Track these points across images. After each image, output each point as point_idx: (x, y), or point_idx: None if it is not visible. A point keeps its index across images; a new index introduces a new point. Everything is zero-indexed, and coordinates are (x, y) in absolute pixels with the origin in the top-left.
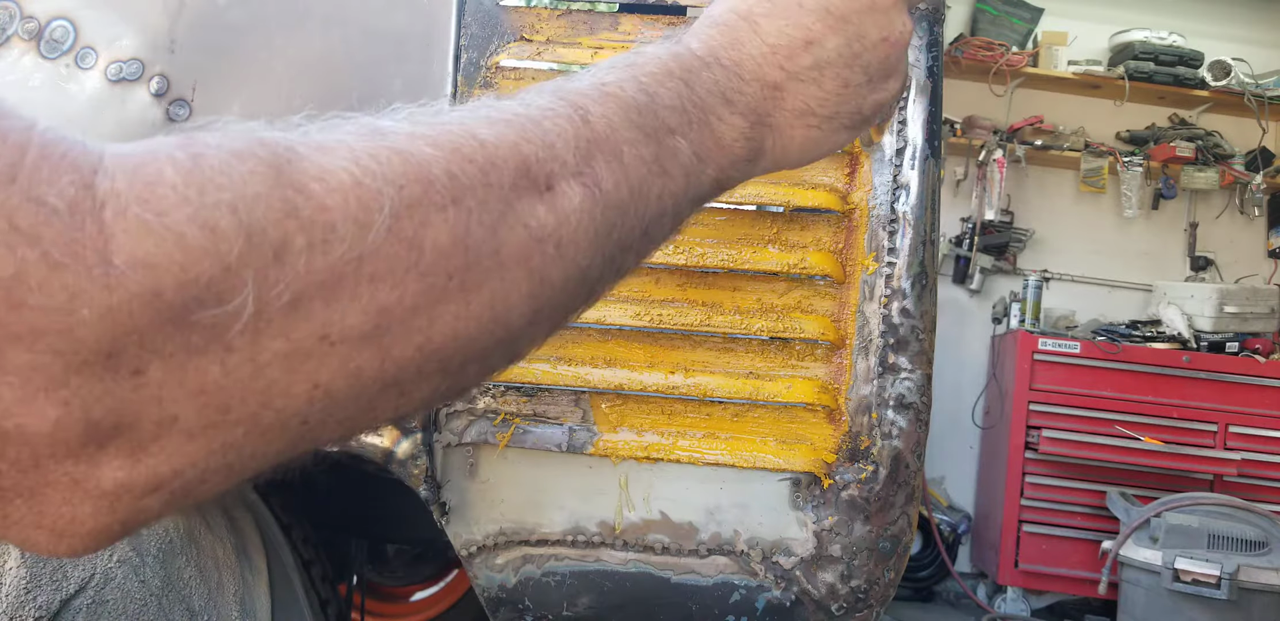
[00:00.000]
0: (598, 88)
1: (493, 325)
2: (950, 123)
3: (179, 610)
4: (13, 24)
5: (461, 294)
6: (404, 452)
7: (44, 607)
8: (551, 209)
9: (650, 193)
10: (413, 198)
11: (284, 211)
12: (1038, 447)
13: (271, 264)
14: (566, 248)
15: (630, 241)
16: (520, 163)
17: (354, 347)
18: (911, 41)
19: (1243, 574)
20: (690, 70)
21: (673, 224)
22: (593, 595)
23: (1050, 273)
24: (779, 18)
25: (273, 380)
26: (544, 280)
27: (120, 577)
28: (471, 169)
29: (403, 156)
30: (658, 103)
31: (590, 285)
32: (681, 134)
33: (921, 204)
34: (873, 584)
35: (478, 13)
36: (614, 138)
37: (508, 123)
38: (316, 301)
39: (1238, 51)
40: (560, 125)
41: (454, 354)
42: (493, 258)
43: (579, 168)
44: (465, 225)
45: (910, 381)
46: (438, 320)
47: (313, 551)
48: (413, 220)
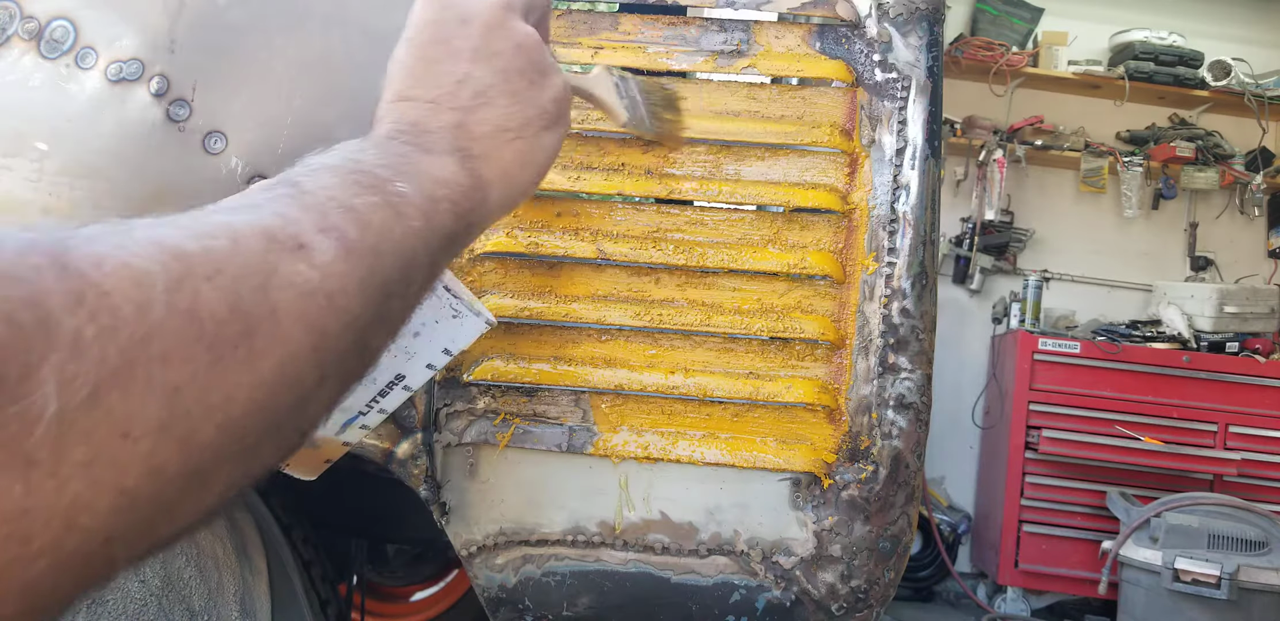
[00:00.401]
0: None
1: (285, 390)
2: (950, 123)
3: (179, 610)
4: (13, 24)
5: (250, 361)
6: (404, 453)
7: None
8: (311, 264)
9: (394, 233)
10: (179, 272)
11: (75, 300)
12: (1038, 447)
13: (69, 357)
14: (337, 297)
15: (391, 285)
16: (263, 231)
17: (156, 440)
18: (911, 41)
19: (1243, 574)
20: (379, 144)
21: (429, 266)
22: (593, 595)
23: (1050, 273)
24: (425, 81)
25: (77, 494)
26: (324, 334)
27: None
28: (221, 243)
29: (155, 241)
30: (364, 164)
31: (365, 337)
32: (400, 181)
33: (921, 204)
34: (873, 584)
35: None
36: (338, 195)
37: (233, 210)
38: (114, 392)
39: (1238, 51)
40: (283, 200)
41: (251, 428)
42: (270, 318)
43: (319, 224)
44: (235, 292)
45: (910, 381)
46: (233, 392)
47: (313, 551)
48: (185, 293)
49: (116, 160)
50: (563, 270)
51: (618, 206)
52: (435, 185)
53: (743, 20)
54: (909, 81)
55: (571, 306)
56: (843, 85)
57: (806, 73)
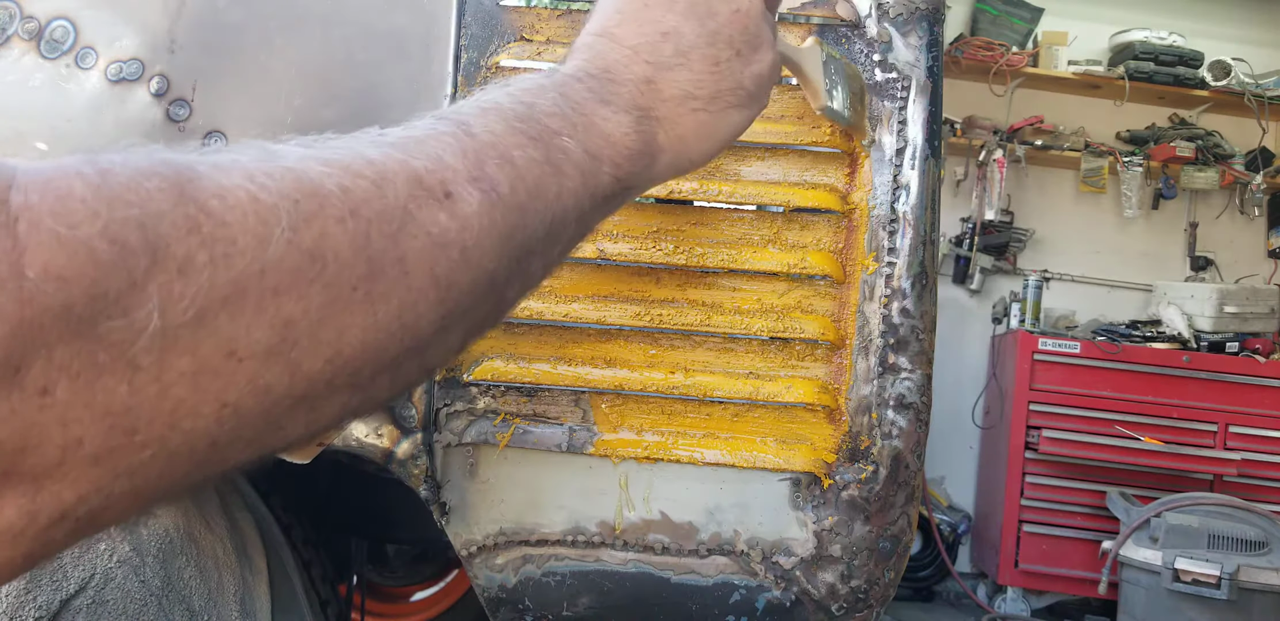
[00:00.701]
0: (474, 106)
1: (402, 334)
2: (950, 123)
3: (179, 610)
4: (13, 24)
5: (368, 304)
6: (404, 452)
7: (44, 607)
8: (452, 215)
9: (548, 192)
10: (309, 211)
11: (187, 228)
12: (1038, 447)
13: (176, 279)
14: (471, 252)
15: (534, 244)
16: (411, 175)
17: (262, 363)
18: (911, 41)
19: (1243, 574)
20: (562, 84)
21: (577, 225)
22: (593, 595)
23: (1050, 272)
24: (631, 23)
25: (180, 400)
26: (451, 286)
27: (120, 578)
28: (364, 183)
29: (295, 174)
30: (537, 110)
31: (499, 290)
32: (568, 134)
33: (922, 204)
34: (873, 584)
35: (478, 13)
36: (501, 143)
37: (392, 145)
38: (222, 316)
39: (1238, 51)
40: (444, 140)
41: (364, 365)
42: (397, 266)
43: (472, 173)
44: (365, 235)
45: (910, 381)
46: (345, 331)
47: (313, 551)
48: (311, 232)
49: None
50: (563, 270)
51: None
52: (603, 144)
53: None
54: (909, 81)
55: (571, 306)
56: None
57: None
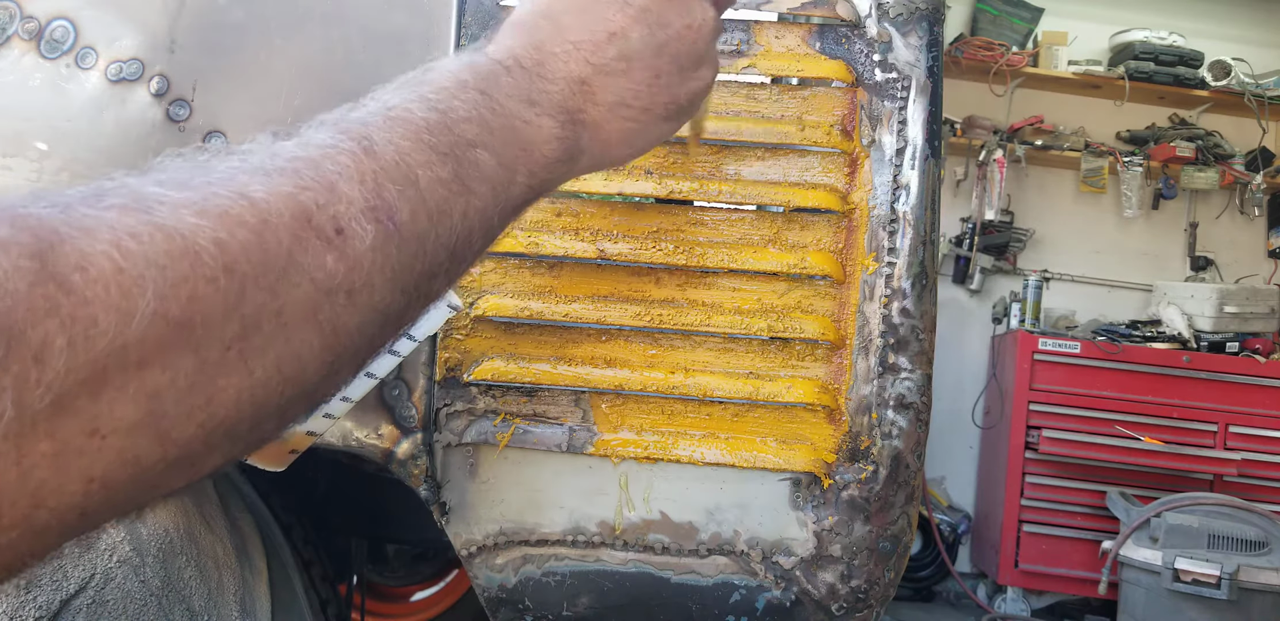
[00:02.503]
0: (382, 113)
1: (283, 386)
2: (950, 123)
3: (179, 610)
4: (13, 24)
5: (241, 362)
6: (404, 453)
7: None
8: (341, 256)
9: (454, 214)
10: (177, 276)
11: (45, 310)
12: (1038, 447)
13: (31, 366)
14: (360, 294)
15: (436, 268)
16: (300, 213)
17: (127, 437)
18: (911, 41)
19: (1243, 574)
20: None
21: (483, 240)
22: (593, 595)
23: (1050, 272)
24: (580, 13)
25: (42, 481)
26: (336, 331)
27: (120, 578)
28: (242, 233)
29: (165, 232)
30: (451, 117)
31: (394, 321)
32: (482, 146)
33: (921, 204)
34: (873, 584)
35: (478, 12)
36: (404, 163)
37: (282, 171)
38: (82, 398)
39: (1238, 51)
40: (342, 162)
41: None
42: (274, 319)
43: (369, 202)
44: (239, 292)
45: (910, 381)
46: (219, 394)
47: (313, 551)
48: (179, 298)
49: (116, 160)
50: (563, 270)
51: (618, 206)
52: (521, 154)
53: (742, 20)
54: (909, 81)
55: (571, 306)
56: (843, 85)
57: (806, 73)
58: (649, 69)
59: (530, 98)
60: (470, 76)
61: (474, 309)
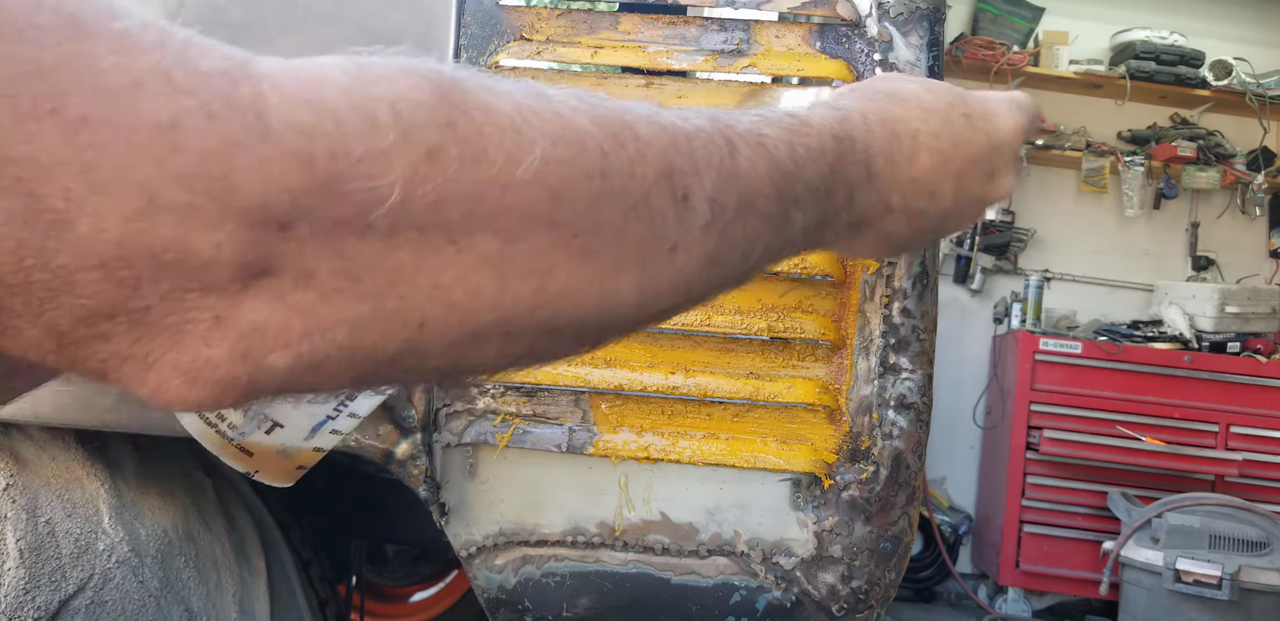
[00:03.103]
0: (755, 135)
1: (600, 299)
2: None
3: (178, 611)
4: None
5: (583, 256)
6: (403, 453)
7: (43, 608)
8: (679, 217)
9: (757, 243)
10: (564, 156)
11: (443, 122)
12: (1039, 448)
13: (423, 161)
14: (680, 257)
15: (723, 277)
16: (665, 166)
17: (477, 263)
18: (911, 41)
19: (1244, 574)
20: (844, 160)
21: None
22: (592, 596)
23: (1051, 272)
24: (934, 159)
25: (401, 264)
26: (653, 277)
27: (119, 578)
28: (623, 155)
29: (563, 121)
30: (802, 175)
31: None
32: (803, 211)
33: None
34: (873, 584)
35: (477, 12)
36: (752, 183)
37: (663, 128)
38: (456, 209)
39: (1239, 51)
40: (709, 150)
41: (563, 310)
42: (617, 237)
43: (713, 193)
44: (603, 197)
45: (911, 381)
46: (555, 270)
47: (312, 551)
48: (560, 175)
49: None
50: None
51: None
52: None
53: (743, 20)
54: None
55: None
56: (843, 85)
57: (807, 72)
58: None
59: (853, 195)
60: (832, 149)
61: None
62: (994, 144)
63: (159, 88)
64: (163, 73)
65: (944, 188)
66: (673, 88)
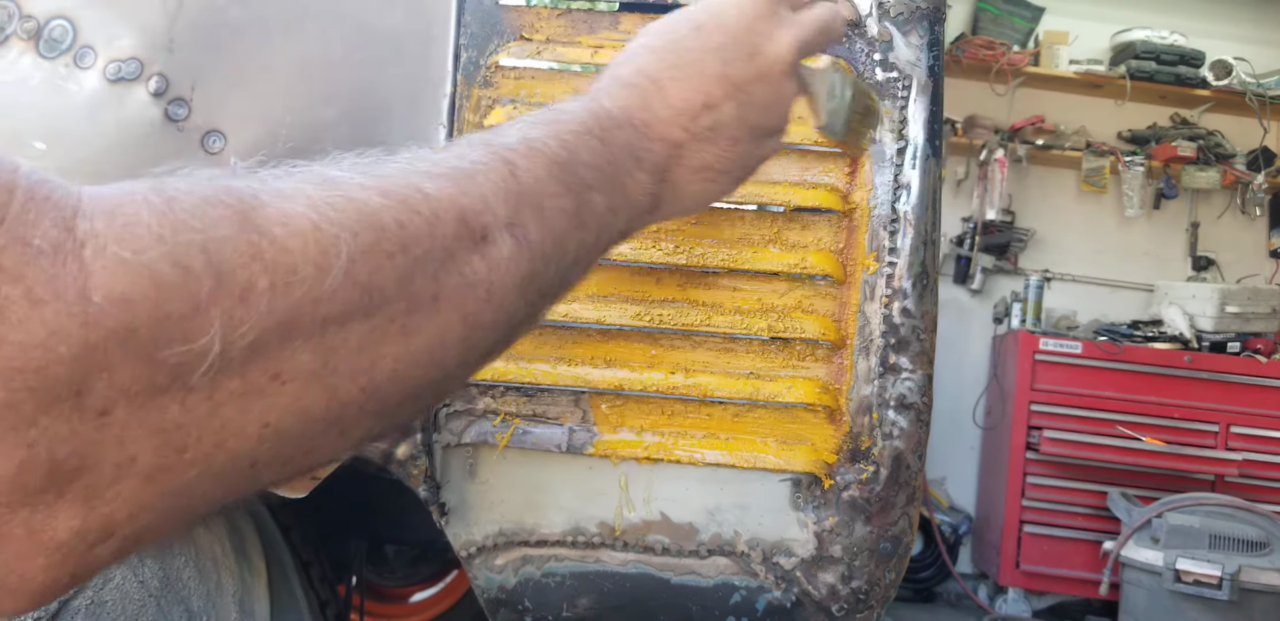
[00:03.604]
0: (525, 143)
1: (429, 366)
2: (951, 122)
3: (178, 611)
4: (11, 23)
5: (403, 337)
6: (403, 453)
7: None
8: (485, 258)
9: (569, 244)
10: (366, 244)
11: (250, 254)
12: (1039, 448)
13: (238, 304)
14: (496, 294)
15: (550, 289)
16: (459, 214)
17: (304, 386)
18: (912, 41)
19: (1244, 574)
20: (606, 129)
21: (582, 273)
22: (592, 596)
23: (1051, 272)
24: (684, 82)
25: (227, 419)
26: (476, 324)
27: (119, 578)
28: (418, 220)
29: (356, 205)
30: (578, 159)
31: (513, 328)
32: (598, 189)
33: (922, 204)
34: (874, 585)
35: (477, 12)
36: (539, 191)
37: (445, 176)
38: (274, 341)
39: (1239, 51)
40: (492, 179)
41: (393, 394)
42: (432, 303)
43: (509, 219)
44: (410, 272)
45: (911, 382)
46: (380, 361)
47: (312, 551)
48: (366, 265)
49: (115, 160)
50: None
51: None
52: (624, 203)
53: None
54: (910, 81)
55: (571, 306)
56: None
57: None
58: (730, 138)
59: (636, 154)
60: (594, 124)
61: None
62: (728, 28)
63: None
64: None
65: (713, 94)
66: None
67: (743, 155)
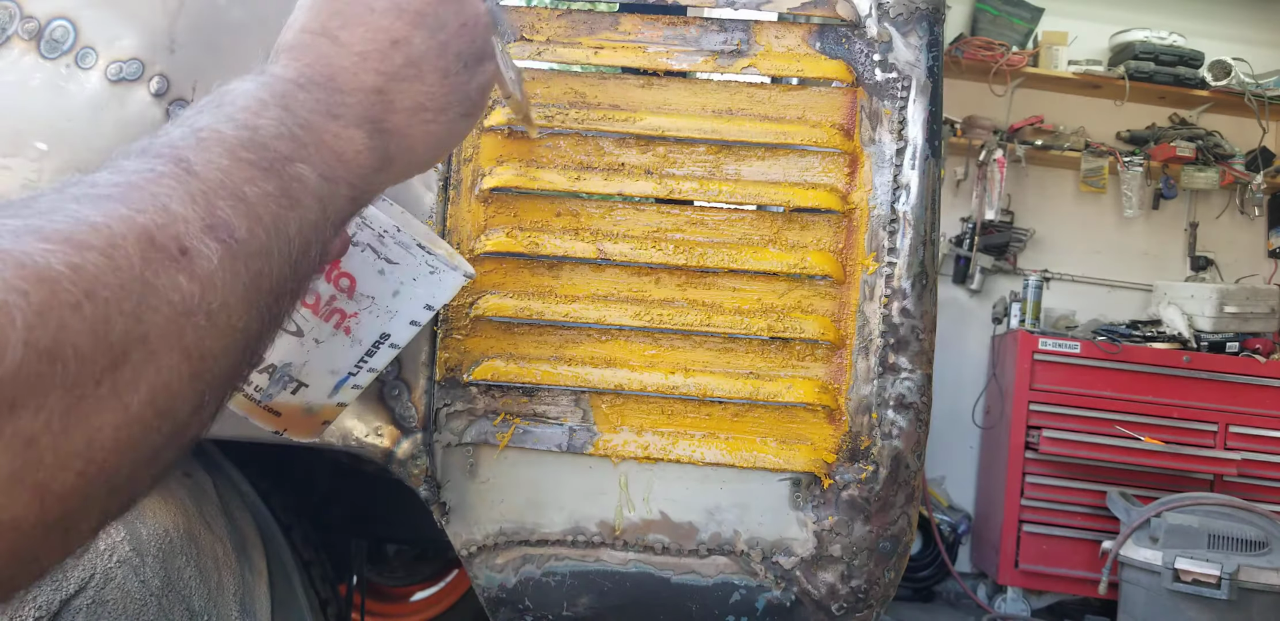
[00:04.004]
0: (192, 136)
1: (159, 422)
2: (950, 122)
3: (179, 610)
4: (13, 24)
5: (116, 398)
6: (404, 453)
7: (44, 608)
8: (192, 276)
9: (289, 227)
10: (41, 302)
11: None
12: (1038, 447)
13: None
14: (218, 315)
15: (282, 286)
16: (142, 234)
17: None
18: (911, 41)
19: (1243, 574)
20: (284, 95)
21: (319, 254)
22: (593, 595)
23: (1050, 272)
24: (356, 26)
25: None
26: (203, 355)
27: (120, 577)
28: (93, 256)
29: (16, 258)
30: (261, 134)
31: (251, 345)
32: (301, 160)
33: (922, 204)
34: (873, 584)
35: None
36: (229, 181)
37: (109, 197)
38: None
39: (1238, 51)
40: (166, 184)
41: (121, 466)
42: (142, 347)
43: (206, 222)
44: (105, 319)
45: (910, 381)
46: (96, 435)
47: (313, 551)
48: (47, 327)
49: None
50: (563, 270)
51: (618, 206)
52: (337, 164)
53: (743, 20)
54: (909, 81)
55: (571, 306)
56: (843, 85)
57: (806, 72)
58: (437, 70)
59: (331, 111)
60: (268, 95)
61: (474, 309)
62: None
63: None
64: None
65: (396, 28)
66: (673, 88)
67: (457, 87)
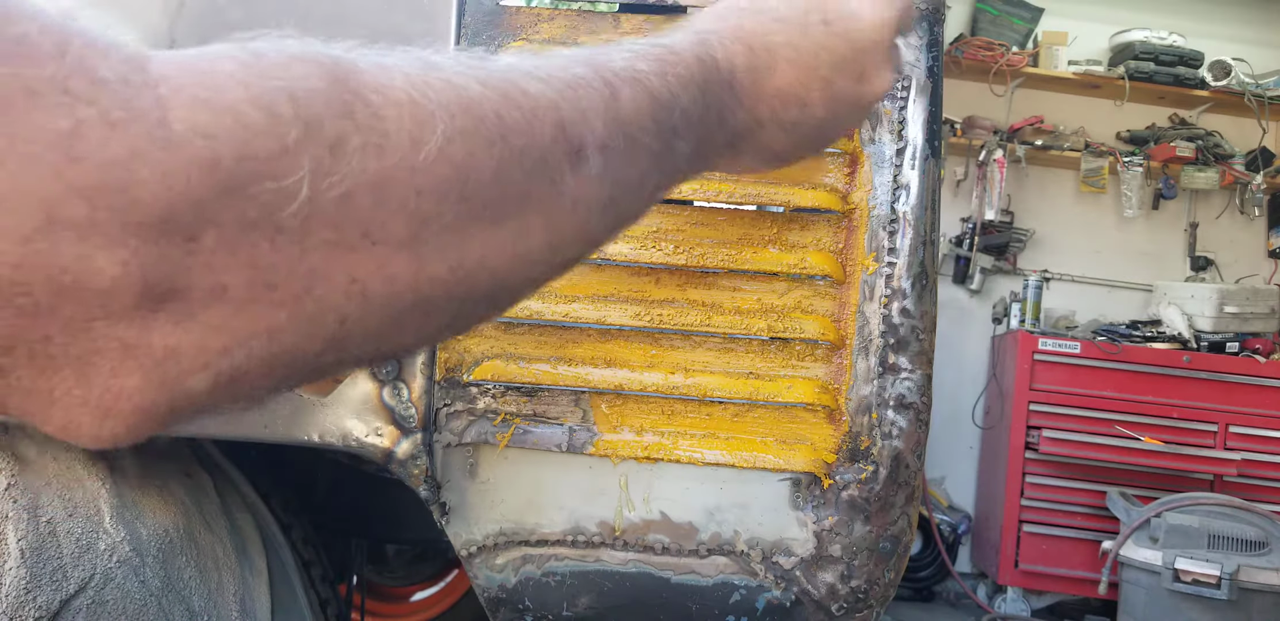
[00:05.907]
0: (631, 72)
1: (513, 260)
2: (950, 123)
3: (179, 610)
4: None
5: (492, 225)
6: (404, 452)
7: (44, 608)
8: (575, 170)
9: (648, 183)
10: (464, 127)
11: (341, 111)
12: (1038, 447)
13: (328, 155)
14: (581, 209)
15: (623, 220)
16: (558, 121)
17: (393, 251)
18: (911, 41)
19: (1243, 574)
20: (710, 81)
21: (633, 219)
22: (593, 595)
23: (1050, 273)
24: (795, 69)
25: (316, 266)
26: (559, 232)
27: (120, 578)
28: (517, 115)
29: (455, 89)
30: (678, 104)
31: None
32: (683, 138)
33: (922, 204)
34: (873, 584)
35: (478, 13)
36: (635, 123)
37: (548, 82)
38: (365, 200)
39: (1238, 51)
40: (593, 97)
41: (478, 282)
42: (521, 200)
43: (605, 141)
44: (506, 164)
45: (910, 381)
46: (469, 243)
47: (313, 551)
48: (463, 149)
49: None
50: None
51: None
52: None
53: None
54: (909, 81)
55: (571, 306)
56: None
57: None
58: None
59: (723, 116)
60: (700, 74)
61: None
62: (858, 45)
63: (55, 98)
64: (59, 82)
65: (812, 95)
66: None
67: (799, 149)
